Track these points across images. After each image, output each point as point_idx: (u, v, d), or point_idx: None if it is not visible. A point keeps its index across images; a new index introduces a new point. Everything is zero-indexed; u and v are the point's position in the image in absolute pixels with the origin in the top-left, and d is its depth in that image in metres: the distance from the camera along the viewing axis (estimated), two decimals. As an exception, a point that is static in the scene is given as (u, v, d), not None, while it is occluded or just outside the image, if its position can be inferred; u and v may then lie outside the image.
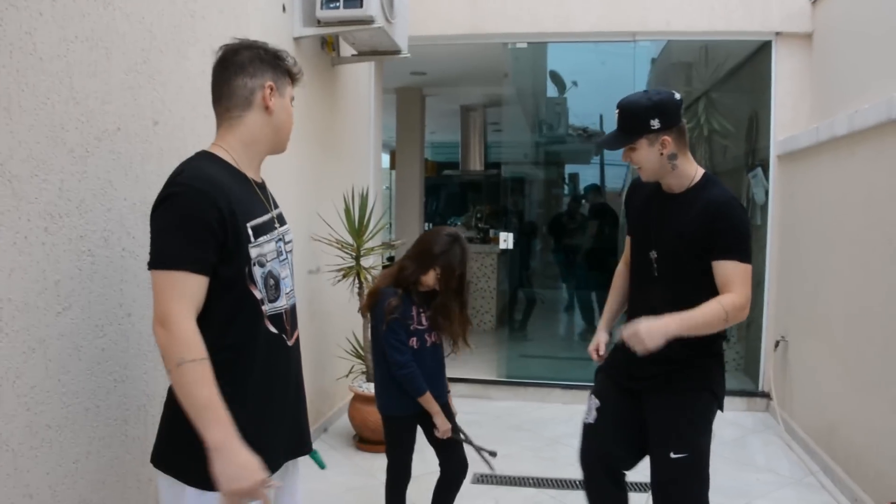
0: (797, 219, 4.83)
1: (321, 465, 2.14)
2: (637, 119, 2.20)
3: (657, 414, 2.30)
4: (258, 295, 1.77)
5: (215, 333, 1.68)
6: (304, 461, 2.03)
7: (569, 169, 8.67)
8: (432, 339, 2.89)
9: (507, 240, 5.97)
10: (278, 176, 4.00)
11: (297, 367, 1.99)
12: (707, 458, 2.28)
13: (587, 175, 8.64)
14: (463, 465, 2.95)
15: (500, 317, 7.96)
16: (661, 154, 2.21)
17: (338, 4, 4.18)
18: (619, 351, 2.48)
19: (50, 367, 1.90)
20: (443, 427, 2.79)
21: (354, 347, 4.75)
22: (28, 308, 1.82)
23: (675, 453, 2.22)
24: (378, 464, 4.23)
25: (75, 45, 1.97)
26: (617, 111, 2.27)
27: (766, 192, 5.32)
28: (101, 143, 2.08)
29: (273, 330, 1.82)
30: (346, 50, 5.01)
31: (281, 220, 1.95)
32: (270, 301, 1.82)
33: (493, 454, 2.92)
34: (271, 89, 1.83)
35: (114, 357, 2.15)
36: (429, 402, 2.77)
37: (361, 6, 4.13)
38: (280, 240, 1.90)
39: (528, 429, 5.02)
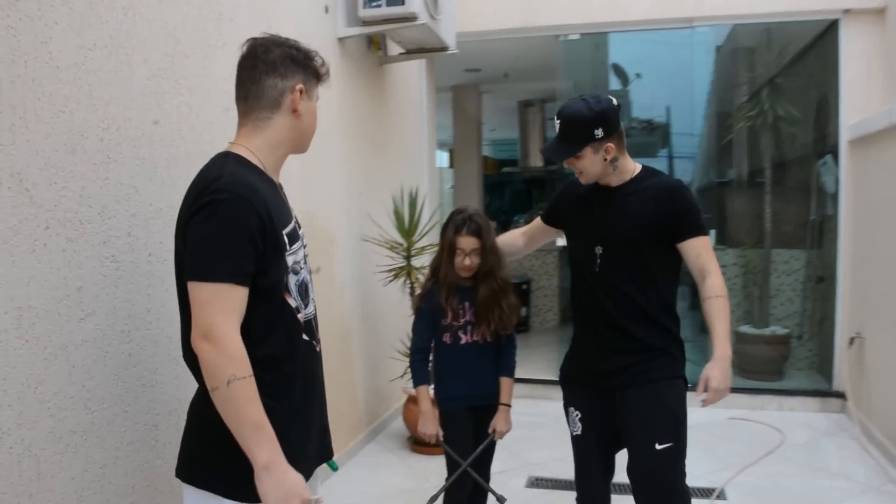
0: (871, 207, 4.54)
1: (333, 468, 2.09)
2: (582, 130, 2.25)
3: (638, 406, 2.31)
4: (293, 303, 1.73)
5: (254, 345, 1.64)
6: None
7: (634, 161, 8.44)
8: (469, 337, 2.80)
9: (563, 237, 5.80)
10: (326, 176, 4.00)
11: (322, 373, 1.95)
12: (685, 445, 2.32)
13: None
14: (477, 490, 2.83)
15: (564, 314, 7.82)
16: (605, 160, 2.27)
17: (380, 3, 4.16)
18: (578, 353, 2.50)
19: (73, 373, 1.91)
20: (421, 429, 2.76)
21: (407, 349, 4.72)
22: (49, 315, 1.83)
23: (660, 444, 2.25)
24: (432, 466, 4.19)
25: (94, 53, 1.98)
26: (558, 121, 2.31)
27: (837, 181, 5.03)
28: (123, 148, 2.09)
29: (306, 338, 1.79)
30: (394, 49, 4.99)
31: (299, 224, 1.91)
32: (304, 308, 1.78)
33: (501, 500, 2.78)
34: (301, 92, 1.77)
35: (142, 362, 2.15)
36: (420, 396, 2.77)
37: (403, 3, 4.11)
38: (303, 245, 1.86)
39: (587, 431, 4.88)
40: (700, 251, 2.25)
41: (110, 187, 2.04)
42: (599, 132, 2.22)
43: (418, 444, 4.45)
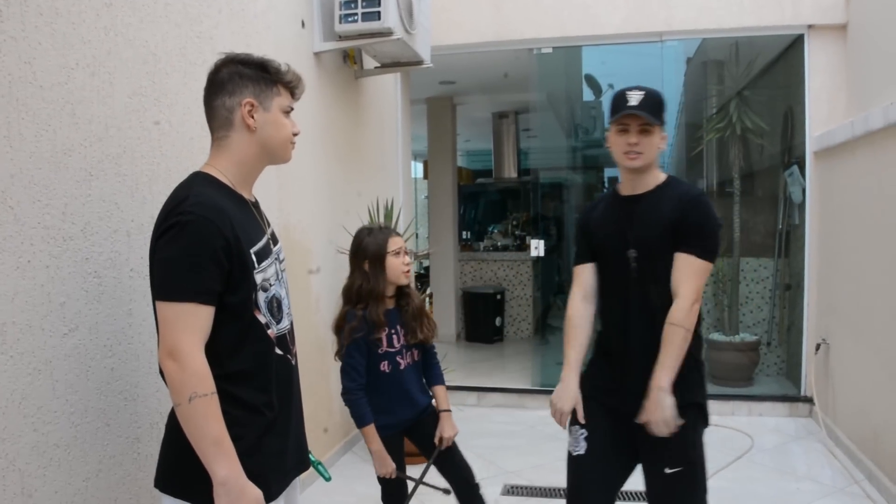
0: (836, 216, 4.68)
1: (326, 478, 2.13)
2: (661, 108, 2.30)
3: (649, 433, 2.21)
4: (263, 320, 1.77)
5: (224, 361, 1.69)
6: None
7: (608, 173, 8.57)
8: (407, 360, 2.72)
9: (537, 247, 5.91)
10: (302, 189, 4.03)
11: (299, 385, 1.99)
12: (702, 466, 2.29)
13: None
14: (466, 470, 2.78)
15: (538, 324, 7.91)
16: (660, 147, 2.30)
17: (356, 18, 4.21)
18: (598, 373, 2.44)
19: (57, 388, 1.93)
20: (381, 472, 2.67)
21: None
22: (32, 330, 1.86)
23: (669, 469, 2.22)
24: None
25: (76, 73, 2.02)
26: (643, 94, 2.25)
27: (804, 191, 5.17)
28: (105, 165, 2.12)
29: (279, 352, 1.83)
30: (369, 63, 5.04)
31: (275, 240, 1.94)
32: (276, 324, 1.82)
33: (447, 492, 2.78)
34: (251, 106, 1.77)
35: (124, 376, 2.18)
36: (369, 436, 2.63)
37: (379, 19, 4.15)
38: (277, 260, 1.89)
39: (562, 438, 4.90)
40: (682, 269, 2.18)
41: (93, 204, 2.07)
42: (664, 117, 2.29)
43: (396, 453, 4.47)
